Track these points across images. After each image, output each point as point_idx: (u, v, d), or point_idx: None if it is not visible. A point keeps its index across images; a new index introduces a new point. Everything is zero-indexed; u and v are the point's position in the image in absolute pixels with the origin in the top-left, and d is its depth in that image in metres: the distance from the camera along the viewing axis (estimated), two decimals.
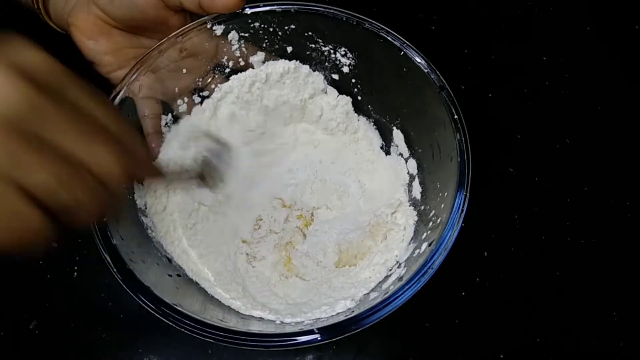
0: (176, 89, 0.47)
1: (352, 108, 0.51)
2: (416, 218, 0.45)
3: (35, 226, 0.25)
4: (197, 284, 0.44)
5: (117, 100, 0.42)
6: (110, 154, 0.26)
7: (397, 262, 0.43)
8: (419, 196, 0.46)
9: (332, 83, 0.51)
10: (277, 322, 0.41)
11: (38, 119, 0.24)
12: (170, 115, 0.47)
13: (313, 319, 0.40)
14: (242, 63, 0.49)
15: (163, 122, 0.47)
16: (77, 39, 0.45)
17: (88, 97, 0.27)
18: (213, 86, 0.49)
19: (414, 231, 0.45)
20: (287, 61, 0.48)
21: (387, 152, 0.51)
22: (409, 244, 0.44)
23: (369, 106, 0.51)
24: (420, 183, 0.47)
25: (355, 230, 0.46)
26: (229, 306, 0.42)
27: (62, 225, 0.26)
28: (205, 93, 0.49)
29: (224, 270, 0.45)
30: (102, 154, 0.26)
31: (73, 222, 0.27)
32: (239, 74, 0.49)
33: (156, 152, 0.46)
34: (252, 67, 0.49)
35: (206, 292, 0.43)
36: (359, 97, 0.51)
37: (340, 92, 0.51)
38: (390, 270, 0.43)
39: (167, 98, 0.47)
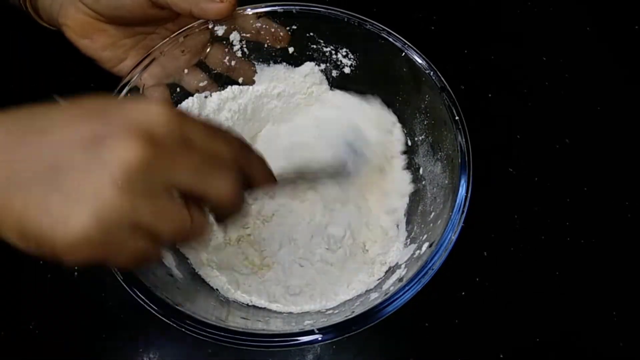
0: (178, 68, 0.47)
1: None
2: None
3: (152, 257, 0.29)
4: (198, 281, 0.44)
5: (121, 96, 0.42)
6: (227, 183, 0.29)
7: (397, 262, 0.44)
8: (419, 196, 0.47)
9: (333, 83, 0.51)
10: (283, 312, 0.41)
11: (157, 171, 0.26)
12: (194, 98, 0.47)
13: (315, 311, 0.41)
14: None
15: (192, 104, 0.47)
16: (71, 38, 0.45)
17: (202, 132, 0.29)
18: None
19: (413, 232, 0.45)
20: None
21: None
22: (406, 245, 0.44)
23: None
24: (421, 183, 0.47)
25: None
26: (231, 301, 0.43)
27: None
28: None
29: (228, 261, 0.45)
30: (219, 186, 0.28)
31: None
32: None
33: None
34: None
35: (207, 291, 0.43)
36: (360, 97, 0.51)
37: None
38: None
39: (172, 79, 0.47)
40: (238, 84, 0.50)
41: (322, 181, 0.44)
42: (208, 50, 0.48)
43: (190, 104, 0.47)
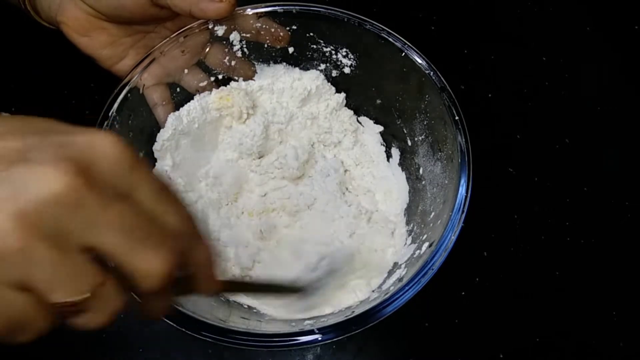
0: (178, 67, 0.47)
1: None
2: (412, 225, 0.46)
3: (36, 325, 0.23)
4: None
5: (120, 96, 0.42)
6: (159, 261, 0.23)
7: (397, 262, 0.44)
8: (419, 196, 0.47)
9: (333, 83, 0.51)
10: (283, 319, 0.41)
11: (76, 217, 0.21)
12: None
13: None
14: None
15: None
16: (70, 37, 0.44)
17: (151, 189, 0.23)
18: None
19: (413, 232, 0.45)
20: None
21: (388, 153, 0.51)
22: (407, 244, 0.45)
23: (370, 106, 0.51)
24: (421, 184, 0.47)
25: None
26: (232, 302, 0.43)
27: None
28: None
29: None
30: (148, 260, 0.22)
31: (80, 325, 0.24)
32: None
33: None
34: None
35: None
36: (360, 98, 0.51)
37: (341, 92, 0.51)
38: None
39: (172, 79, 0.47)
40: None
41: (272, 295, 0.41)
42: (207, 49, 0.48)
43: (191, 107, 0.47)
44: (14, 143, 0.21)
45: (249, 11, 0.46)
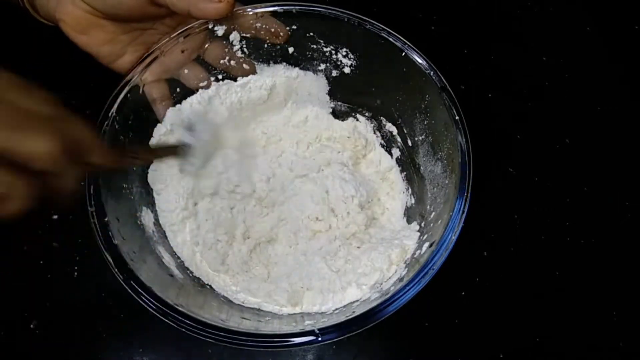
0: (177, 64, 0.47)
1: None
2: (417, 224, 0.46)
3: None
4: (198, 281, 0.44)
5: (121, 96, 0.42)
6: (41, 140, 0.27)
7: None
8: (419, 196, 0.46)
9: (333, 83, 0.51)
10: (278, 312, 0.41)
11: None
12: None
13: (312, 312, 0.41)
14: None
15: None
16: (69, 34, 0.44)
17: (12, 86, 0.28)
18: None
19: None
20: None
21: (389, 153, 0.51)
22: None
23: (370, 106, 0.51)
24: (421, 184, 0.47)
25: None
26: (231, 302, 0.43)
27: None
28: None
29: (226, 259, 0.46)
30: (31, 141, 0.27)
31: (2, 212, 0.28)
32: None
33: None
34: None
35: (207, 292, 0.43)
36: (360, 97, 0.51)
37: (341, 92, 0.51)
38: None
39: (170, 75, 0.47)
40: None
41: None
42: (207, 46, 0.48)
43: (194, 100, 0.47)
44: None
45: (250, 11, 0.46)
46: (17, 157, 0.27)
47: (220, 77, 0.49)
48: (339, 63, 0.49)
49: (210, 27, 0.45)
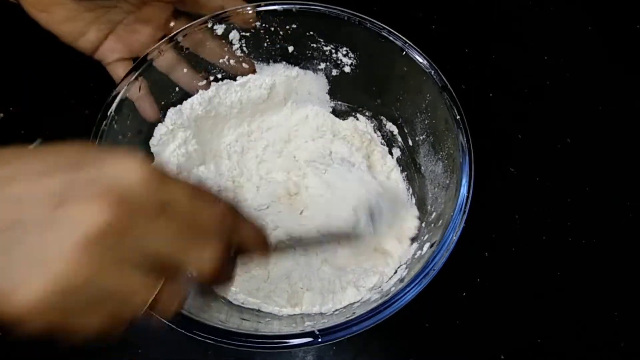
0: (141, 43, 0.46)
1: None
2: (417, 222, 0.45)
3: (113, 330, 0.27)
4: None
5: (114, 105, 0.42)
6: (210, 254, 0.26)
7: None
8: (420, 197, 0.46)
9: (333, 82, 0.51)
10: (278, 313, 0.41)
11: (127, 238, 0.24)
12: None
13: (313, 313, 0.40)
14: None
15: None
16: (29, 12, 0.43)
17: (183, 195, 0.26)
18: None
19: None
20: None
21: (389, 153, 0.51)
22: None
23: (370, 106, 0.51)
24: (422, 184, 0.47)
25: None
26: (230, 303, 0.43)
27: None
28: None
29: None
30: (200, 257, 0.26)
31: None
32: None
33: (150, 115, 0.45)
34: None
35: (207, 292, 0.43)
36: (360, 97, 0.51)
37: (341, 92, 0.51)
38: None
39: (134, 54, 0.46)
40: None
41: (324, 245, 0.43)
42: (172, 24, 0.47)
43: (194, 101, 0.47)
44: (51, 185, 0.23)
45: (249, 9, 0.45)
46: (183, 267, 0.26)
47: (219, 76, 0.49)
48: (339, 62, 0.49)
49: (209, 25, 0.45)
